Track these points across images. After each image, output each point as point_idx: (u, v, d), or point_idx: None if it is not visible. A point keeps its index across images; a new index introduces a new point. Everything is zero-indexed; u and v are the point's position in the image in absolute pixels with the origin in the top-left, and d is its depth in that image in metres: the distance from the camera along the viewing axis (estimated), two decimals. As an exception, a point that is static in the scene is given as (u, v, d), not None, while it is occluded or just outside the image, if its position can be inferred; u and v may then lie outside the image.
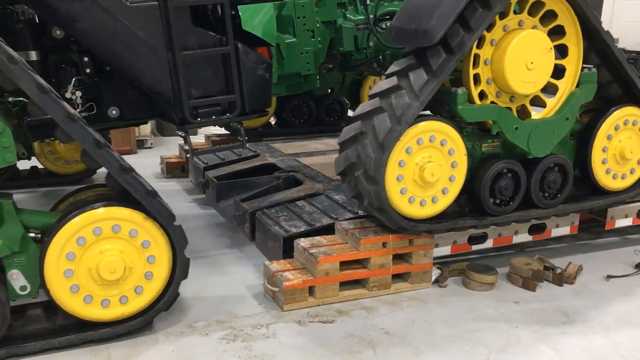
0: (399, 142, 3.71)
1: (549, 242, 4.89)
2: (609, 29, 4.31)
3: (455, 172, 3.96)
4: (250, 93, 4.24)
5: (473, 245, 4.34)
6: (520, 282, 4.22)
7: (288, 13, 5.06)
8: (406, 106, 3.66)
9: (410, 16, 3.80)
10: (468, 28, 3.70)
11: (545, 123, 4.15)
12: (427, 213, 3.96)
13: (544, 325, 3.73)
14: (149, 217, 3.35)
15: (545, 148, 4.20)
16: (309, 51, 5.14)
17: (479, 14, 3.69)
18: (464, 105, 3.88)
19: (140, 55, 3.89)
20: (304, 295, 3.86)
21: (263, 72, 4.29)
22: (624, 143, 4.49)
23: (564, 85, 4.21)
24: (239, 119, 4.33)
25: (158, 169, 7.07)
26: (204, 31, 4.07)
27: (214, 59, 4.11)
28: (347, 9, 5.52)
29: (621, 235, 5.18)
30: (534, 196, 4.26)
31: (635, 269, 4.52)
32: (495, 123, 3.99)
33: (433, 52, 3.72)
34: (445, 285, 4.20)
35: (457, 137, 3.92)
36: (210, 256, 4.68)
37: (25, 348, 3.27)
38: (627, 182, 4.63)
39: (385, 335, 3.58)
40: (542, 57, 3.90)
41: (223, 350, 3.39)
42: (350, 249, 3.98)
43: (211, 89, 4.14)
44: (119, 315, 3.41)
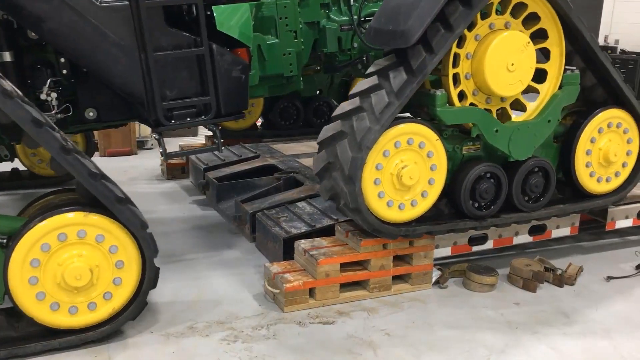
0: (376, 144, 3.65)
1: (549, 243, 4.89)
2: (609, 31, 4.29)
3: (434, 175, 3.89)
4: (226, 95, 4.16)
5: (473, 247, 4.34)
6: (520, 283, 4.22)
7: (270, 14, 4.97)
8: (385, 105, 3.62)
9: (388, 17, 3.76)
10: (448, 27, 3.65)
11: (526, 126, 4.08)
12: (406, 217, 3.90)
13: (544, 326, 3.73)
14: (116, 222, 3.28)
15: (526, 151, 4.13)
16: (292, 52, 5.05)
17: (460, 13, 3.65)
18: (443, 107, 3.83)
19: (111, 56, 3.82)
20: (305, 297, 3.86)
21: (239, 73, 4.21)
22: (608, 146, 4.40)
23: (546, 88, 4.15)
24: (215, 121, 4.25)
25: (159, 170, 7.07)
26: (178, 32, 4.00)
27: (189, 60, 4.03)
28: (330, 10, 5.45)
29: (621, 236, 5.18)
30: (515, 200, 4.18)
31: (635, 270, 4.52)
32: (475, 125, 3.93)
33: (413, 51, 3.67)
34: (445, 286, 4.20)
35: (436, 139, 3.85)
36: (211, 257, 4.68)
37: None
38: (611, 185, 4.55)
39: (385, 336, 3.59)
40: (521, 56, 3.83)
41: (223, 352, 3.39)
42: (351, 251, 3.98)
43: (186, 90, 4.06)
44: (87, 323, 3.34)
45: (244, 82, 4.26)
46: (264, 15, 4.96)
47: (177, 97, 4.04)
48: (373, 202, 3.77)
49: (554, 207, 4.36)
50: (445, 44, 3.66)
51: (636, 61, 11.78)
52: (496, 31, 3.85)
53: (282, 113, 6.84)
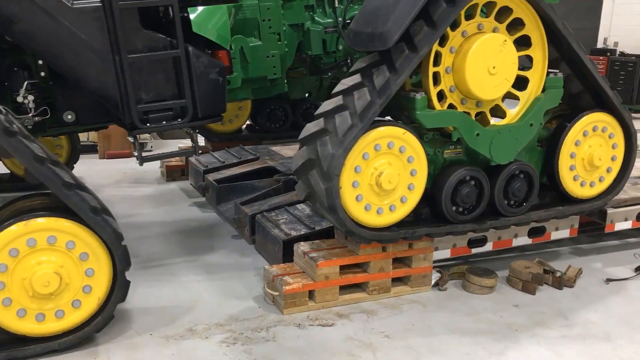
0: (356, 145, 3.59)
1: (548, 245, 4.89)
2: (608, 33, 4.29)
3: (414, 181, 3.83)
4: (203, 97, 4.11)
5: (473, 249, 4.34)
6: (520, 285, 4.22)
7: (252, 15, 4.89)
8: (367, 103, 3.56)
9: (367, 19, 3.71)
10: (432, 24, 3.60)
11: (507, 129, 4.01)
12: (384, 221, 3.82)
13: (543, 329, 3.73)
14: (88, 229, 3.23)
15: (508, 155, 4.06)
16: (276, 55, 4.98)
17: (443, 10, 3.59)
18: (423, 110, 3.76)
19: (84, 59, 3.77)
20: (304, 299, 3.86)
21: (216, 76, 4.14)
22: (593, 150, 4.33)
23: (529, 91, 4.08)
24: (191, 125, 4.20)
25: (158, 172, 7.07)
26: (154, 34, 3.94)
27: (165, 63, 3.98)
28: (315, 12, 5.36)
29: (621, 238, 5.18)
30: (497, 204, 4.11)
31: (634, 272, 4.53)
32: (456, 129, 3.86)
33: (396, 49, 3.61)
34: (445, 288, 4.21)
35: (417, 143, 3.78)
36: (210, 259, 4.68)
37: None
38: (596, 190, 4.48)
39: (385, 338, 3.59)
40: (501, 57, 3.77)
41: (223, 354, 3.39)
42: (350, 253, 3.98)
43: (162, 93, 4.01)
44: (54, 331, 3.27)
45: (222, 85, 4.19)
46: (247, 17, 4.86)
47: (153, 100, 3.99)
48: (351, 205, 3.69)
49: (535, 212, 4.30)
50: (428, 42, 3.61)
51: (635, 63, 11.81)
52: (473, 36, 3.79)
53: (270, 116, 6.76)
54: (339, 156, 3.54)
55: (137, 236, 5.13)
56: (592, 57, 13.61)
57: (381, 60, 3.68)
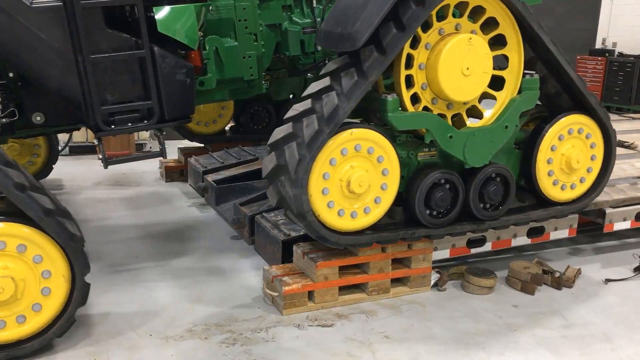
0: (321, 153, 3.53)
1: (547, 245, 4.90)
2: (607, 34, 4.25)
3: (387, 180, 3.77)
4: (170, 99, 4.01)
5: (472, 249, 4.35)
6: (519, 285, 4.22)
7: (228, 16, 4.75)
8: (334, 108, 3.51)
9: (338, 19, 3.66)
10: (401, 27, 3.53)
11: (482, 132, 3.94)
12: (360, 224, 3.79)
13: (542, 329, 3.74)
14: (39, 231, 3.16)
15: (482, 158, 3.99)
16: (252, 55, 4.84)
17: (413, 12, 3.53)
18: (394, 112, 3.69)
19: (45, 59, 3.70)
20: (304, 300, 3.86)
21: (184, 77, 4.05)
22: (571, 152, 4.26)
23: (505, 93, 4.01)
24: (158, 126, 4.13)
25: (157, 173, 7.07)
26: (118, 34, 3.85)
27: (130, 63, 3.89)
28: (293, 12, 5.24)
29: (620, 238, 5.19)
30: (473, 208, 4.05)
31: (633, 273, 4.53)
32: (429, 131, 3.79)
33: (365, 51, 3.56)
34: (444, 289, 4.21)
35: (385, 142, 3.72)
36: (210, 260, 4.68)
37: None
38: (575, 193, 4.42)
39: (384, 339, 3.59)
40: (470, 55, 3.70)
41: (222, 354, 3.39)
42: (350, 253, 3.98)
43: (127, 94, 3.92)
44: (18, 337, 3.21)
45: (190, 86, 4.10)
46: (222, 17, 4.74)
47: (118, 101, 3.89)
48: (323, 212, 3.64)
49: (513, 216, 4.24)
50: (397, 45, 3.54)
51: (634, 64, 11.81)
52: (444, 38, 3.72)
53: (254, 117, 6.69)
54: (306, 162, 3.48)
55: (136, 237, 5.13)
56: (590, 58, 13.64)
57: (350, 63, 3.63)
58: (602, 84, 12.35)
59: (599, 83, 12.39)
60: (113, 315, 3.79)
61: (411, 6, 3.53)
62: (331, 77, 3.66)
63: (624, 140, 6.33)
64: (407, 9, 3.53)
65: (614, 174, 5.25)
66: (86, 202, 6.04)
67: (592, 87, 12.46)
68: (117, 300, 3.99)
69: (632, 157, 5.85)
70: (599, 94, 12.45)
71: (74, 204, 5.97)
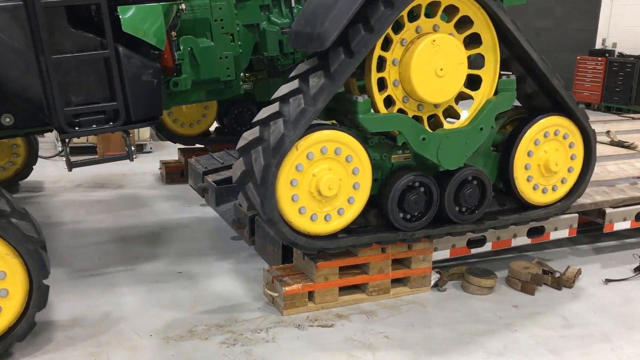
0: (287, 159, 3.48)
1: (547, 245, 4.90)
2: (606, 34, 4.22)
3: (358, 179, 3.71)
4: (136, 100, 3.91)
5: (472, 249, 4.35)
6: (519, 286, 4.23)
7: (203, 15, 4.69)
8: (300, 111, 3.44)
9: (308, 19, 3.59)
10: (369, 28, 3.46)
11: (456, 133, 3.87)
12: (335, 227, 3.74)
13: (542, 329, 3.74)
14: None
15: (457, 160, 3.92)
16: (229, 56, 4.79)
17: (382, 14, 3.45)
18: (365, 114, 3.63)
19: (4, 60, 3.57)
20: (304, 300, 3.87)
21: (150, 77, 3.94)
22: (549, 154, 4.20)
23: (480, 94, 3.94)
24: (124, 128, 4.01)
25: (158, 174, 7.07)
26: (82, 33, 3.75)
27: (94, 64, 3.79)
28: (271, 12, 5.16)
29: (620, 239, 5.19)
30: (448, 211, 3.98)
31: (633, 273, 4.53)
32: (401, 133, 3.73)
33: (333, 53, 3.49)
34: (444, 289, 4.21)
35: (351, 140, 3.64)
36: (210, 260, 4.68)
37: None
38: (554, 196, 4.34)
39: (384, 339, 3.59)
40: (440, 55, 3.63)
41: (223, 355, 3.40)
42: (350, 254, 3.98)
43: (92, 95, 3.81)
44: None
45: (157, 87, 4.00)
46: (197, 17, 4.68)
47: (83, 102, 3.79)
48: (293, 217, 3.61)
49: (492, 220, 4.18)
50: (366, 47, 3.48)
51: (634, 64, 11.82)
52: (416, 39, 3.65)
53: (238, 118, 6.65)
54: (272, 167, 3.44)
55: (136, 237, 5.14)
56: (590, 58, 13.66)
57: (319, 66, 3.57)
58: (602, 84, 12.37)
59: (598, 83, 12.41)
60: (113, 316, 3.80)
61: (380, 7, 3.46)
62: (300, 79, 3.59)
63: (624, 140, 6.34)
64: (375, 10, 3.46)
65: (614, 174, 5.28)
66: (86, 202, 6.05)
67: (592, 87, 12.49)
68: (118, 301, 4.00)
69: (632, 157, 5.86)
70: (599, 94, 12.47)
71: (74, 205, 5.97)
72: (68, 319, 3.74)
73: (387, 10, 3.47)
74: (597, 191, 4.83)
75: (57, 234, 5.20)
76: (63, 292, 4.09)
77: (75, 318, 3.76)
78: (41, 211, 5.77)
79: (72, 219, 5.60)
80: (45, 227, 5.26)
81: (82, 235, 5.18)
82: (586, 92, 12.65)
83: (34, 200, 6.10)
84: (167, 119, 6.57)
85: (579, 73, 12.68)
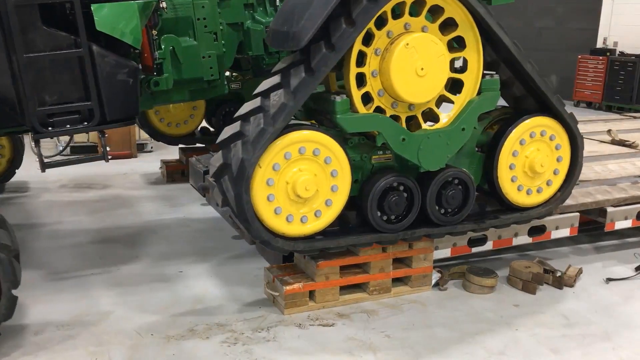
0: (264, 157, 3.44)
1: (548, 244, 4.90)
2: (608, 33, 4.17)
3: (336, 182, 3.65)
4: (111, 100, 3.83)
5: (473, 248, 4.35)
6: (520, 285, 4.22)
7: (186, 14, 4.63)
8: (280, 106, 3.39)
9: (285, 18, 3.54)
10: (351, 22, 3.40)
11: (437, 134, 3.79)
12: (311, 229, 3.68)
13: (544, 328, 3.73)
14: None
15: (438, 161, 3.84)
16: (212, 55, 4.73)
17: (364, 7, 3.40)
18: (344, 114, 3.56)
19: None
20: (305, 299, 3.87)
21: (126, 77, 3.86)
22: (534, 156, 4.11)
23: (463, 94, 3.86)
24: (99, 128, 3.95)
25: (158, 173, 7.08)
26: (56, 32, 3.67)
27: (68, 63, 3.72)
28: (255, 11, 5.09)
29: (620, 238, 5.19)
30: (430, 213, 3.91)
31: (634, 272, 4.53)
32: (380, 134, 3.65)
33: (315, 48, 3.43)
34: (445, 288, 4.21)
35: (330, 141, 3.59)
36: (211, 260, 4.69)
37: None
38: (540, 197, 4.26)
39: (385, 338, 3.59)
40: (416, 56, 3.56)
41: (224, 354, 3.40)
42: (350, 253, 3.98)
43: (66, 95, 3.75)
44: None
45: (132, 86, 3.92)
46: (180, 16, 4.61)
47: (57, 102, 3.73)
48: (269, 218, 3.56)
49: (470, 222, 4.10)
50: (347, 41, 3.42)
51: (635, 63, 11.81)
52: (397, 38, 3.59)
53: (226, 118, 6.53)
54: (250, 161, 3.39)
55: (137, 237, 5.14)
56: (592, 57, 13.67)
57: (300, 60, 3.51)
58: (603, 83, 12.36)
59: (600, 82, 12.40)
60: (115, 315, 3.80)
61: (362, 2, 3.41)
62: (281, 74, 3.54)
63: (625, 139, 6.34)
64: (357, 3, 3.41)
65: (615, 173, 5.28)
66: (86, 203, 6.05)
67: (593, 86, 12.49)
68: (119, 300, 4.00)
69: (633, 156, 5.85)
70: (600, 93, 12.47)
71: (74, 204, 5.98)
72: (68, 318, 3.75)
73: (369, 4, 3.42)
74: (599, 190, 4.83)
75: (52, 234, 5.20)
76: (62, 290, 4.10)
77: (76, 315, 3.76)
78: (48, 209, 5.78)
79: (72, 218, 5.60)
80: (42, 227, 5.28)
81: (82, 235, 5.19)
82: (587, 91, 12.65)
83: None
84: (154, 118, 6.51)
85: (580, 72, 12.68)
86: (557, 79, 13.85)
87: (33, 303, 3.89)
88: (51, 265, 4.53)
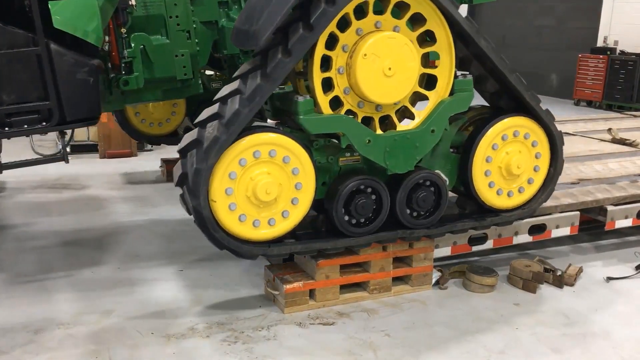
0: (219, 166, 3.37)
1: (548, 243, 4.90)
2: (608, 32, 4.13)
3: (299, 179, 3.57)
4: (70, 99, 3.75)
5: (473, 246, 4.35)
6: (520, 284, 4.22)
7: (157, 12, 4.55)
8: (233, 113, 3.31)
9: (247, 16, 3.46)
10: (308, 26, 3.32)
11: (405, 136, 3.70)
12: (280, 230, 3.62)
13: (544, 327, 3.74)
14: None
15: (406, 164, 3.75)
16: (185, 54, 4.63)
17: (321, 11, 3.31)
18: (306, 115, 3.47)
19: None
20: (305, 298, 3.87)
21: (86, 76, 3.77)
22: (511, 157, 4.00)
23: (435, 95, 3.77)
24: (58, 129, 3.87)
25: (158, 172, 7.08)
26: (13, 29, 3.60)
27: (26, 61, 3.64)
28: (230, 9, 4.99)
29: (621, 236, 5.19)
30: (400, 216, 3.82)
31: (635, 271, 4.53)
32: (345, 135, 3.56)
33: (272, 52, 3.36)
34: (445, 287, 4.21)
35: (286, 140, 3.50)
36: (211, 259, 4.68)
37: None
38: (517, 200, 4.16)
39: (385, 337, 3.59)
40: (398, 57, 3.50)
41: (224, 353, 3.40)
42: (351, 252, 3.98)
43: (25, 94, 3.68)
44: None
45: (93, 86, 3.82)
46: (150, 14, 4.52)
47: (15, 101, 3.65)
48: (234, 226, 3.51)
49: (448, 225, 4.03)
50: (304, 46, 3.35)
51: (635, 62, 11.81)
52: (362, 38, 3.51)
53: None
54: (204, 171, 3.31)
55: (138, 235, 5.14)
56: (592, 56, 13.66)
57: (259, 65, 3.44)
58: (603, 82, 12.37)
59: (600, 81, 12.41)
60: (116, 314, 3.80)
61: (320, 4, 3.32)
62: (240, 79, 3.46)
63: (625, 138, 6.34)
64: (315, 7, 3.31)
65: (615, 172, 5.28)
66: (85, 203, 6.05)
67: (593, 85, 12.50)
68: (120, 299, 4.00)
69: (633, 155, 5.86)
70: (601, 92, 12.47)
71: (74, 203, 5.98)
72: (69, 316, 3.74)
73: (327, 7, 3.33)
74: (599, 189, 4.83)
75: (59, 234, 5.20)
76: (63, 289, 4.10)
77: (79, 313, 3.76)
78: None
79: (73, 217, 5.60)
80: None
81: (78, 234, 5.20)
82: (588, 90, 12.65)
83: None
84: (134, 118, 6.42)
85: (581, 71, 12.68)
86: (558, 77, 13.86)
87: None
88: (50, 265, 4.54)
